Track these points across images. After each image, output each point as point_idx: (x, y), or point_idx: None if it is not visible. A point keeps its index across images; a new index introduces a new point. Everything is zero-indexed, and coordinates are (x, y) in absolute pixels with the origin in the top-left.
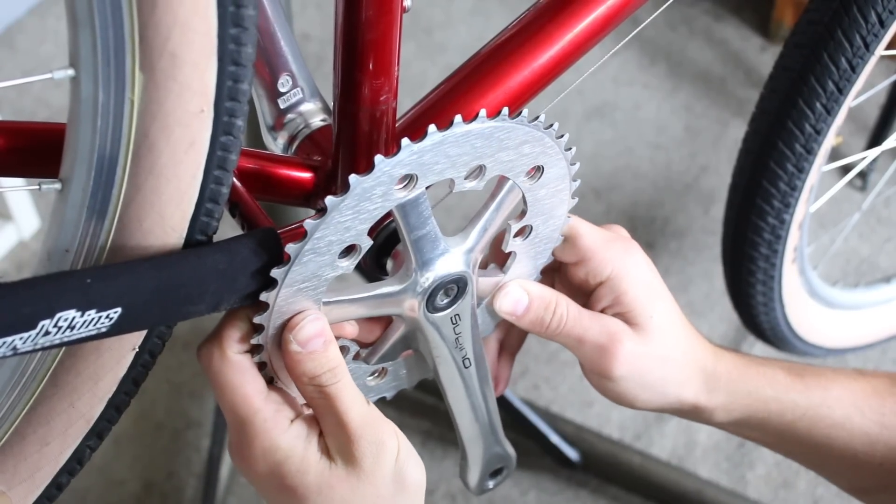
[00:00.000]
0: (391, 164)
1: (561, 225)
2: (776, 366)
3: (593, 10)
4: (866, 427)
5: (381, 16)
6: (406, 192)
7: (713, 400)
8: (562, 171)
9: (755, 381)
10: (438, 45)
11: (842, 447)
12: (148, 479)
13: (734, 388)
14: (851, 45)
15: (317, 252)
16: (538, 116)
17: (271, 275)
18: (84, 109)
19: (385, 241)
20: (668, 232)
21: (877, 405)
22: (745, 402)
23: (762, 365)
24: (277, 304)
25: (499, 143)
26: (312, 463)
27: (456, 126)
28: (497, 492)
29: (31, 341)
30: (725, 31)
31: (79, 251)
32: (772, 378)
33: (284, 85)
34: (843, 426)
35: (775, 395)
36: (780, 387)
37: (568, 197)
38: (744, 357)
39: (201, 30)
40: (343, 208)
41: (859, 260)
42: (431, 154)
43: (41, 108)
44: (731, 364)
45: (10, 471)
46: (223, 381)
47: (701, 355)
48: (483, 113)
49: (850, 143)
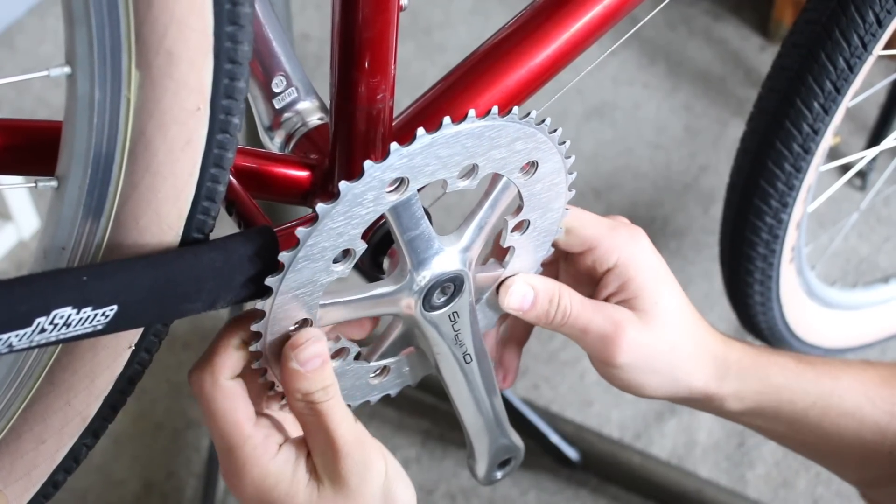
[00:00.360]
0: (381, 169)
1: (559, 217)
2: (786, 355)
3: (591, 8)
4: (877, 416)
5: (377, 14)
6: (397, 195)
7: (724, 387)
8: (556, 165)
9: (766, 368)
10: (437, 45)
11: (852, 437)
12: (147, 479)
13: (746, 375)
14: (849, 44)
15: (310, 259)
16: (529, 113)
17: (266, 283)
18: (80, 107)
19: (380, 241)
20: (667, 231)
21: (887, 395)
22: (757, 388)
23: (772, 353)
24: (274, 312)
25: (490, 141)
26: (301, 486)
27: (445, 128)
28: (497, 492)
29: (26, 339)
30: (725, 31)
31: (75, 249)
32: (783, 366)
33: (279, 85)
34: (854, 415)
35: (786, 382)
36: (791, 374)
37: (565, 190)
38: (753, 345)
39: (197, 27)
40: (334, 215)
41: (858, 260)
42: (422, 157)
43: (41, 107)
44: (741, 352)
45: (6, 468)
46: (214, 408)
47: (710, 342)
48: (472, 113)
49: (849, 142)
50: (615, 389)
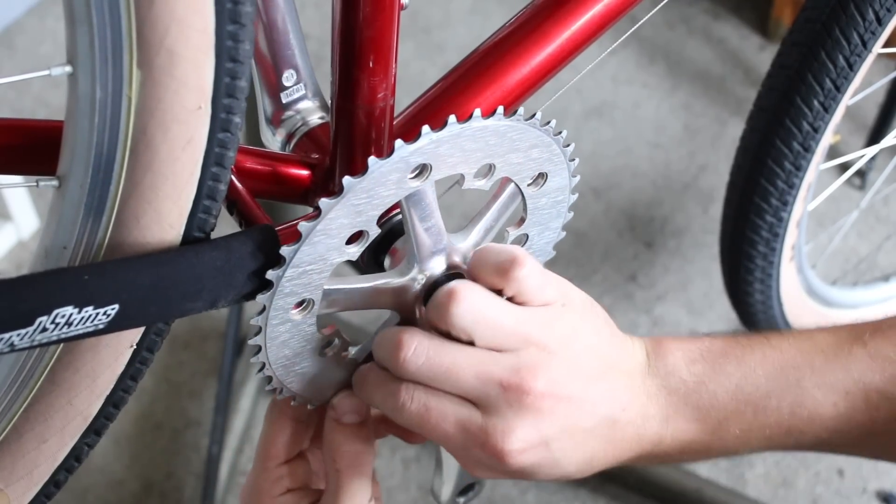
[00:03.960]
0: (410, 151)
1: (555, 239)
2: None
3: (590, 8)
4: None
5: (378, 13)
6: (418, 181)
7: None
8: (563, 181)
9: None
10: (437, 45)
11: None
12: (147, 479)
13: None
14: (849, 43)
15: (327, 234)
16: (550, 122)
17: (280, 252)
18: (81, 106)
19: (384, 238)
20: (667, 231)
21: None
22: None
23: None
24: (282, 285)
25: (511, 143)
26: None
27: (474, 120)
28: (496, 491)
29: (28, 338)
30: (724, 30)
31: (76, 248)
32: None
33: (289, 79)
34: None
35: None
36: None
37: (565, 210)
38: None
39: (199, 26)
40: (359, 190)
41: (858, 258)
42: (448, 146)
43: (41, 107)
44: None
45: (7, 468)
46: (262, 431)
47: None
48: (500, 110)
49: (848, 141)
50: None
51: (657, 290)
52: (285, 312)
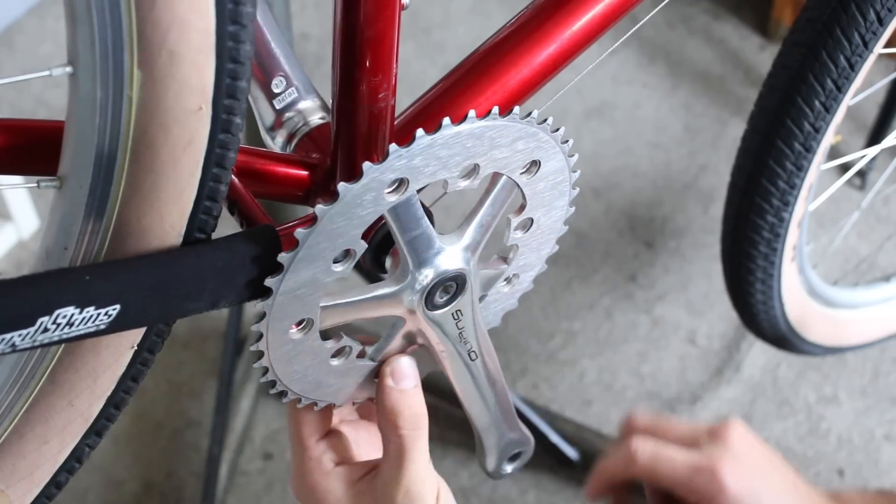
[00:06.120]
0: (380, 170)
1: (564, 215)
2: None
3: (591, 8)
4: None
5: (379, 13)
6: (397, 195)
7: None
8: (559, 163)
9: None
10: (437, 45)
11: None
12: (147, 479)
13: None
14: (850, 43)
15: (310, 259)
16: (530, 113)
17: (266, 284)
18: (82, 107)
19: (382, 240)
20: (667, 231)
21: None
22: None
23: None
24: (274, 312)
25: (491, 141)
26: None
27: (445, 128)
28: (496, 491)
29: (29, 338)
30: (724, 30)
31: (77, 248)
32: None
33: (279, 86)
34: None
35: None
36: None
37: (569, 187)
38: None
39: (200, 27)
40: (333, 216)
41: (859, 259)
42: (421, 157)
43: (41, 107)
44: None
45: (8, 469)
46: (289, 422)
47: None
48: (472, 114)
49: (849, 141)
50: (615, 389)
51: (657, 291)
52: (285, 334)
